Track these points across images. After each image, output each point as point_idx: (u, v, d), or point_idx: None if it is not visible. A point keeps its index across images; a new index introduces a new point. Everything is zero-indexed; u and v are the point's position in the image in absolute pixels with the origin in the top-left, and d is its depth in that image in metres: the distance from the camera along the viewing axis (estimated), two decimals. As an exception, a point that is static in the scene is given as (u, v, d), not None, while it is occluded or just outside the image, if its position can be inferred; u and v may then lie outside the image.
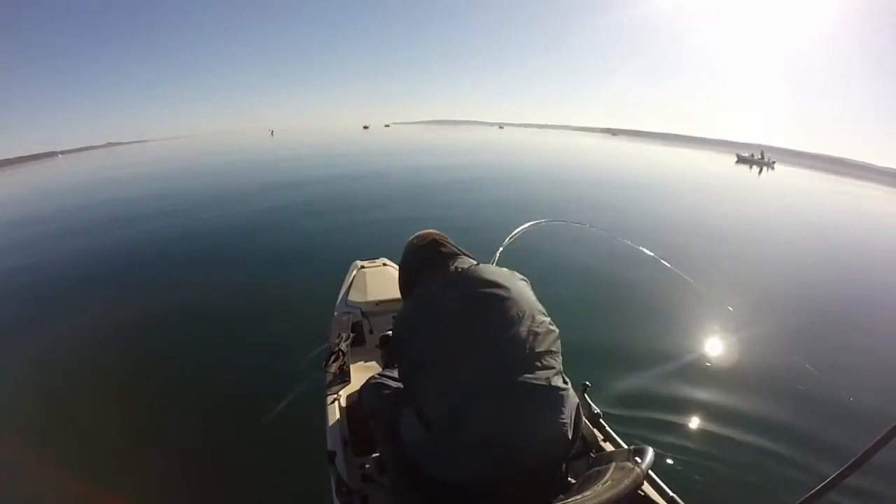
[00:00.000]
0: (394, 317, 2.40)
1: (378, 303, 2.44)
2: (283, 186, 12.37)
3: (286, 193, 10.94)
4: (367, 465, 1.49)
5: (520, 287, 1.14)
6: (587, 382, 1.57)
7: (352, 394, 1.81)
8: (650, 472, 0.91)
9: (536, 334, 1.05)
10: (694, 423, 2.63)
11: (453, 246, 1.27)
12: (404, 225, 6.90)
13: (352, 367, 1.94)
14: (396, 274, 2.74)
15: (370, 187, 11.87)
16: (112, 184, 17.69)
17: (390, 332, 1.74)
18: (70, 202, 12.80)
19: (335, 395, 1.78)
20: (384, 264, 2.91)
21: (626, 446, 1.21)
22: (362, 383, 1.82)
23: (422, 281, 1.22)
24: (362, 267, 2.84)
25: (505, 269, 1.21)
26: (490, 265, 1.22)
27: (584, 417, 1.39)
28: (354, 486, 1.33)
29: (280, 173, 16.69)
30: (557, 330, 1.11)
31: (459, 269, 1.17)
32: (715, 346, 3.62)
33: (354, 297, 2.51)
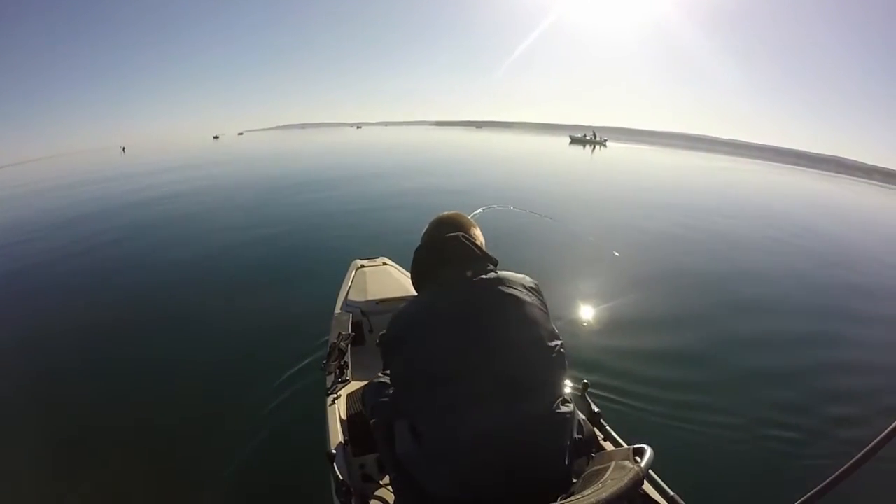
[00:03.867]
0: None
1: (378, 302, 2.44)
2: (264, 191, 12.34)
3: (271, 197, 10.95)
4: (367, 465, 1.49)
5: (533, 303, 1.06)
6: (585, 381, 1.57)
7: (352, 393, 1.80)
8: (650, 471, 0.90)
9: (541, 356, 1.01)
10: (693, 419, 2.61)
11: (471, 243, 1.13)
12: (401, 226, 6.85)
13: (352, 366, 1.94)
14: (396, 273, 2.76)
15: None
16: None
17: None
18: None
19: (335, 395, 1.78)
20: (384, 263, 2.91)
21: (626, 445, 1.21)
22: (363, 382, 1.81)
23: (431, 280, 1.14)
24: (362, 266, 2.84)
25: (526, 280, 1.11)
26: (510, 273, 1.11)
27: (583, 417, 1.39)
28: (354, 486, 1.33)
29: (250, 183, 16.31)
30: (564, 352, 1.06)
31: (472, 278, 1.07)
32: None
33: (354, 296, 2.51)
